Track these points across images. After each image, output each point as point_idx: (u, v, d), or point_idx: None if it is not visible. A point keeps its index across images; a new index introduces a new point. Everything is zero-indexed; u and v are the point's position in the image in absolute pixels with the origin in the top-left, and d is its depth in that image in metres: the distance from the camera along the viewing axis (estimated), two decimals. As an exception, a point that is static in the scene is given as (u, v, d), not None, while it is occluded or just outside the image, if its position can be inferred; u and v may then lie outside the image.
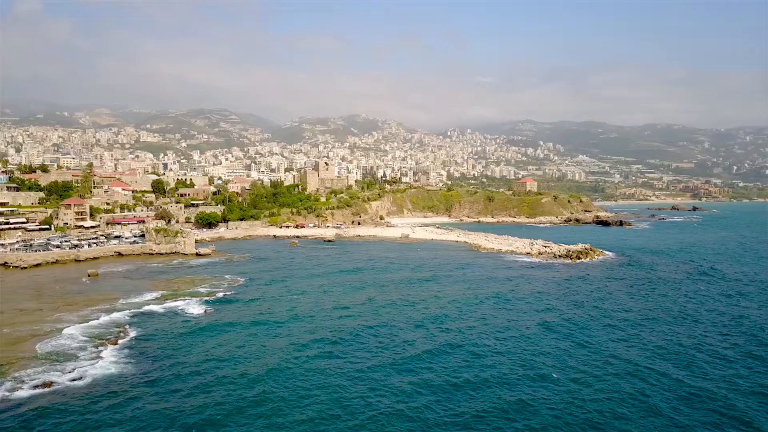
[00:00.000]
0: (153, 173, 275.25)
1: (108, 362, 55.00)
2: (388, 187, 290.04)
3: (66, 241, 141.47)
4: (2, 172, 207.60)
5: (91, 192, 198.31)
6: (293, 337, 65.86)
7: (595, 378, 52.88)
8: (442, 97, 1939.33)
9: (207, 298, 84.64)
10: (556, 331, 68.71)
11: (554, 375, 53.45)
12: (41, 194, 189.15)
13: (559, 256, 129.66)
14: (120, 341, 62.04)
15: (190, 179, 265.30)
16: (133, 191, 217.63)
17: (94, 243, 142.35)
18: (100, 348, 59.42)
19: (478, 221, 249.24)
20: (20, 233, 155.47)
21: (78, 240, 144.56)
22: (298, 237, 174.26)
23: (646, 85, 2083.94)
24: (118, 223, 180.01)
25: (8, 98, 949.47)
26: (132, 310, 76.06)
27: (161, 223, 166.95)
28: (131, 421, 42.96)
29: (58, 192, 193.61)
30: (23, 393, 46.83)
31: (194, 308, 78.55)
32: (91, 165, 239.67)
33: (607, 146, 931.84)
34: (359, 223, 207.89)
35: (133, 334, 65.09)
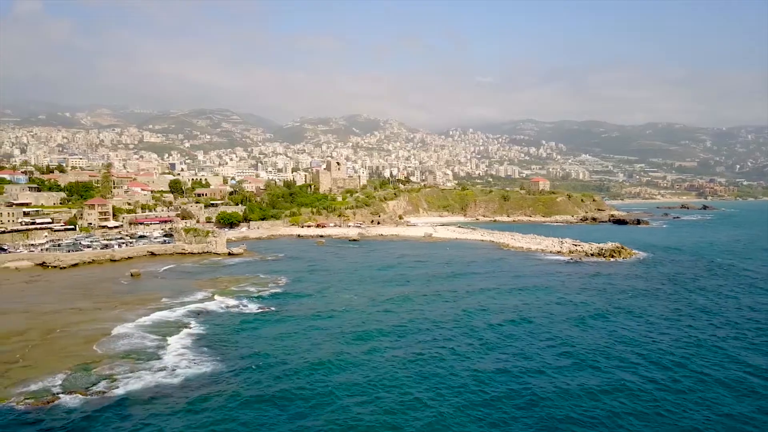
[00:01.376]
0: (168, 173, 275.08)
1: (190, 360, 55.31)
2: (402, 186, 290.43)
3: (95, 241, 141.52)
4: (21, 172, 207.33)
5: (111, 192, 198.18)
6: (358, 330, 67.47)
7: (666, 376, 53.38)
8: (443, 97, 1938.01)
9: (259, 296, 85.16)
10: (613, 329, 69.20)
11: (620, 371, 53.94)
12: (62, 194, 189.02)
13: (591, 255, 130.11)
14: (191, 339, 62.33)
15: (205, 179, 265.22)
16: (151, 191, 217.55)
17: (123, 243, 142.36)
18: (175, 346, 59.68)
19: (494, 220, 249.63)
20: (47, 233, 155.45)
21: (107, 240, 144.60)
22: (322, 236, 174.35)
23: (646, 85, 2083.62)
24: (140, 223, 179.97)
25: (9, 99, 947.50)
26: (189, 309, 76.45)
27: (190, 223, 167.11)
28: (240, 414, 43.43)
29: (79, 192, 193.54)
30: (119, 391, 47.06)
31: (250, 306, 79.03)
32: (109, 165, 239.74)
33: (609, 145, 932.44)
34: (379, 223, 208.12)
35: (201, 331, 65.40)
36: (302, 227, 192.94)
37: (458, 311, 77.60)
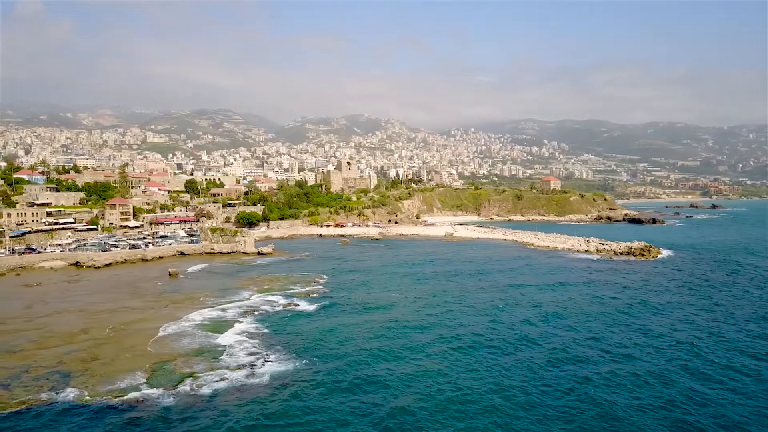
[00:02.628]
0: (182, 173, 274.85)
1: (265, 358, 55.61)
2: (414, 186, 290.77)
3: (121, 241, 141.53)
4: (39, 172, 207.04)
5: (129, 192, 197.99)
6: (412, 324, 68.86)
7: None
8: (444, 97, 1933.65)
9: (306, 295, 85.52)
10: (669, 325, 69.61)
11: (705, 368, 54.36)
12: (81, 194, 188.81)
13: (620, 253, 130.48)
14: (256, 337, 62.54)
15: (219, 179, 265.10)
16: (167, 191, 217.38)
17: (150, 243, 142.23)
18: (245, 344, 59.89)
19: (509, 219, 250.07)
20: (70, 233, 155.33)
21: (134, 240, 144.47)
22: (343, 236, 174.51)
23: (646, 83, 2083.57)
24: (161, 223, 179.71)
25: (10, 99, 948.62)
26: (241, 307, 76.65)
27: (216, 223, 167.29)
28: (334, 407, 44.00)
29: (98, 192, 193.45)
30: (207, 390, 47.17)
31: (302, 304, 79.33)
32: (125, 165, 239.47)
33: (611, 145, 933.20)
34: (396, 222, 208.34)
35: (263, 329, 65.70)
36: (321, 227, 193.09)
37: (506, 308, 78.45)
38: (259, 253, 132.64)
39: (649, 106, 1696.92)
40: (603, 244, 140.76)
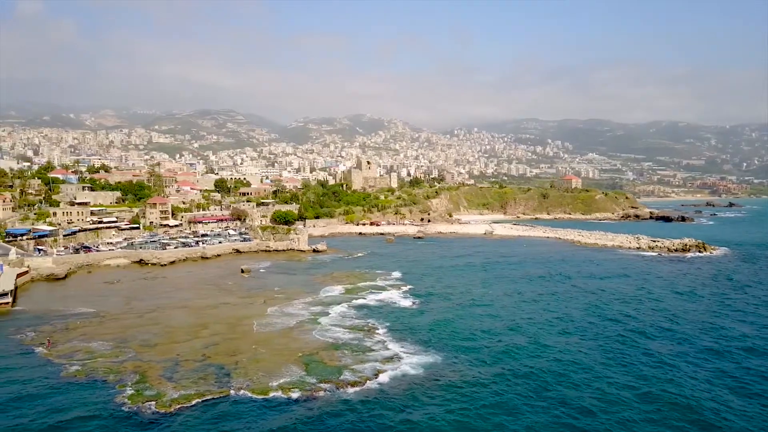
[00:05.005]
0: (210, 173, 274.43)
1: (403, 350, 56.08)
2: (437, 184, 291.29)
3: (173, 239, 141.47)
4: (72, 172, 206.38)
5: (164, 192, 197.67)
6: (518, 316, 70.06)
7: None
8: (445, 96, 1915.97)
9: (396, 290, 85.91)
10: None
11: None
12: (118, 193, 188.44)
13: (675, 250, 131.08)
14: (379, 332, 62.63)
15: (245, 179, 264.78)
16: (199, 190, 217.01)
17: (199, 241, 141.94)
18: (373, 337, 60.15)
19: (535, 218, 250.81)
20: (114, 232, 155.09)
21: (183, 238, 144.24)
22: (383, 234, 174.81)
23: (647, 83, 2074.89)
24: (199, 222, 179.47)
25: (12, 100, 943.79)
26: (342, 303, 77.23)
27: (254, 221, 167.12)
28: (504, 387, 44.59)
29: (133, 191, 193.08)
30: (373, 382, 47.27)
31: (398, 298, 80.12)
32: (157, 165, 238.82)
33: (614, 144, 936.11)
34: (429, 221, 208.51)
35: (381, 323, 65.99)
36: (358, 225, 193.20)
37: (595, 300, 79.62)
38: (314, 251, 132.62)
39: (650, 105, 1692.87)
40: (654, 241, 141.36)
